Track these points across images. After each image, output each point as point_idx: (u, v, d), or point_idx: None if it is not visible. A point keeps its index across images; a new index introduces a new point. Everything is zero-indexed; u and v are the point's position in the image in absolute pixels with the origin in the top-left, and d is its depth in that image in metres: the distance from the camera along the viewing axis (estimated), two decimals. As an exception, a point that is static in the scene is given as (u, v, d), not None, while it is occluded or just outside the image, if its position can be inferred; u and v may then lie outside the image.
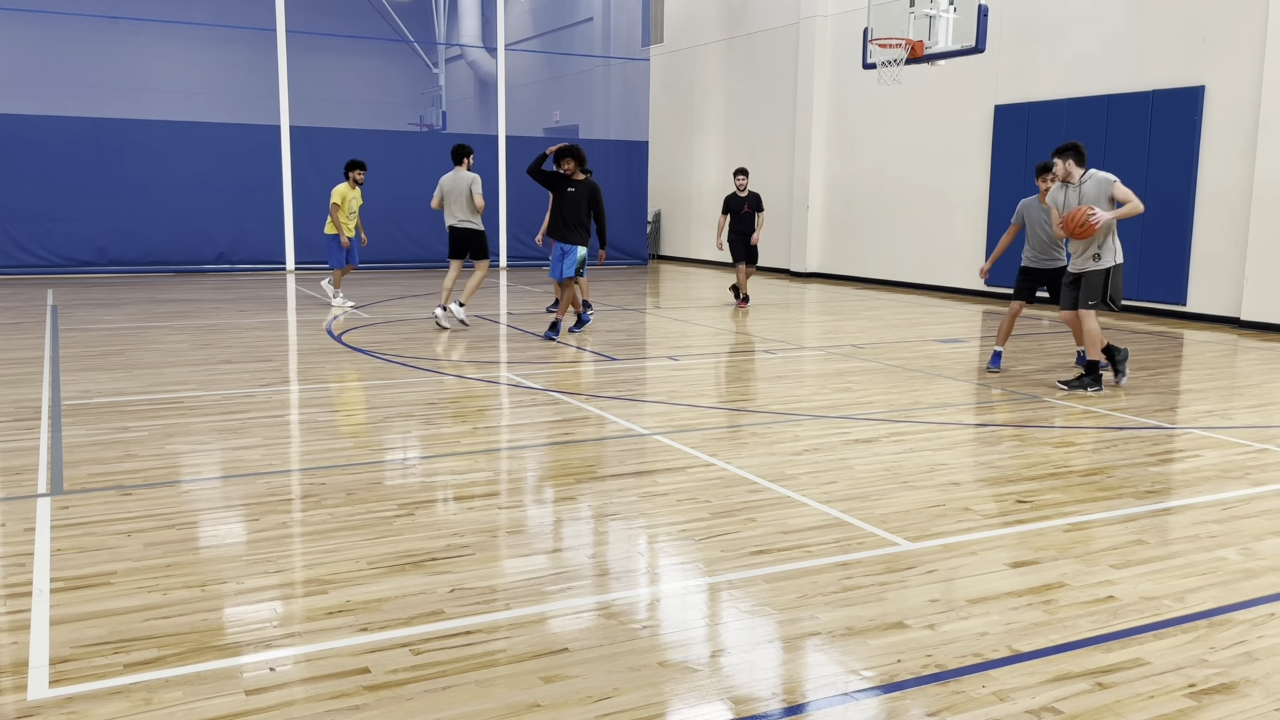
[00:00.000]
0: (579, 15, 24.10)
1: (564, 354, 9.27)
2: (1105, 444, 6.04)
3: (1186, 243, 12.29)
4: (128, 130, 16.95)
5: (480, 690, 2.91)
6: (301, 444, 5.89)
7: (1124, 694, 2.93)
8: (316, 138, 18.05)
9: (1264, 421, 6.77)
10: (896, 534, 4.33)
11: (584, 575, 3.86)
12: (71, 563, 3.85)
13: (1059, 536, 4.34)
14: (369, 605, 3.50)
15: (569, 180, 9.95)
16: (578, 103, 24.31)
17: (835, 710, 2.84)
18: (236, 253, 17.66)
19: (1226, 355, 9.79)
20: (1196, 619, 3.48)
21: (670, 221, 22.48)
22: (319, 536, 4.21)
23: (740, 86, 19.86)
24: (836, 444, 5.96)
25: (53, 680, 2.94)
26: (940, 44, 11.58)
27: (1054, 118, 13.73)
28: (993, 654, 3.18)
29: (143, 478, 5.05)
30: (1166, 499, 4.97)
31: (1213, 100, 11.96)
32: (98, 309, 12.18)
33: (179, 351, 9.06)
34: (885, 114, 16.60)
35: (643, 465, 5.44)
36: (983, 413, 7.02)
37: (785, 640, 3.30)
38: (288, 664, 3.06)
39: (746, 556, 4.04)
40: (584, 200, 9.88)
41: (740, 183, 13.12)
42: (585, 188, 9.93)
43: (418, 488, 5.01)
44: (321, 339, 10.03)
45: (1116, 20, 12.96)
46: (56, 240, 16.48)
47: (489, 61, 24.50)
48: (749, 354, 9.65)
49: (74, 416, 6.37)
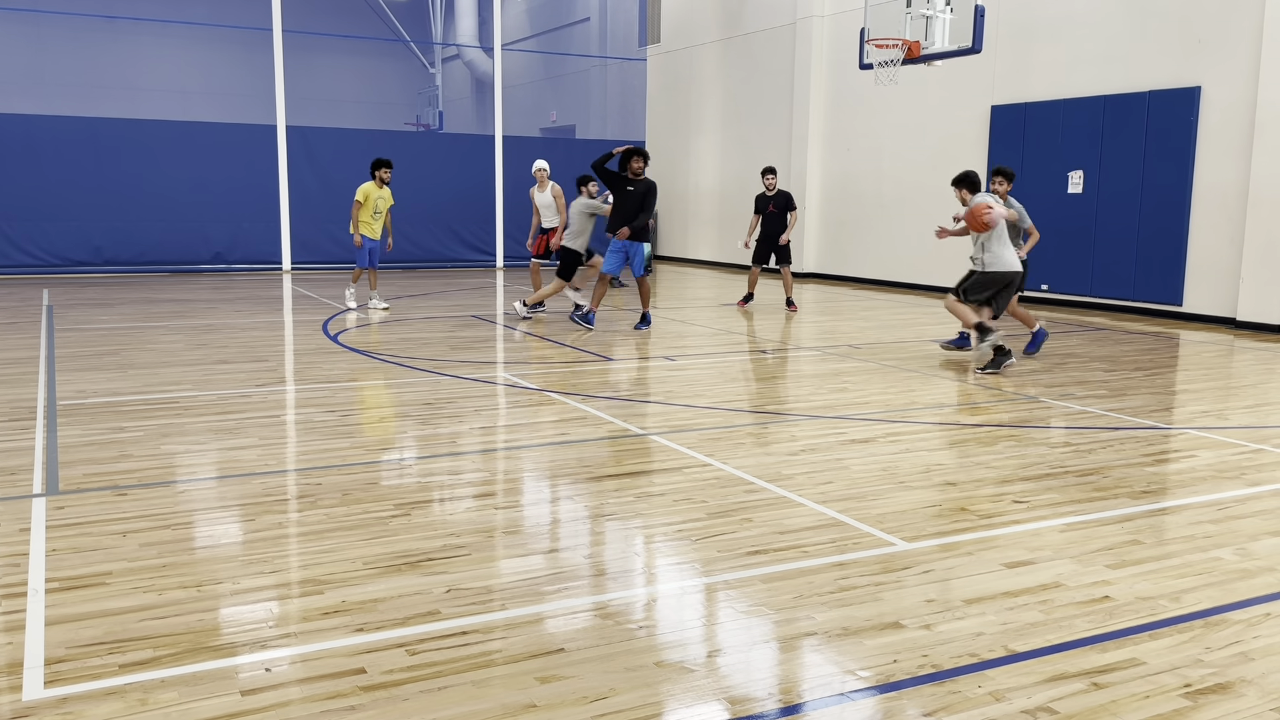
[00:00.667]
0: (576, 15, 24.11)
1: (560, 355, 9.27)
2: (1101, 444, 6.04)
3: (1182, 243, 12.30)
4: (124, 130, 16.92)
5: (476, 690, 2.91)
6: (297, 444, 5.88)
7: (1120, 694, 2.94)
8: (313, 137, 18.04)
9: (1260, 422, 6.78)
10: (893, 534, 4.34)
11: (580, 575, 3.85)
12: (67, 563, 3.85)
13: (1055, 537, 4.34)
14: (365, 605, 3.49)
15: (629, 180, 10.47)
16: (574, 103, 24.32)
17: (831, 710, 2.84)
18: (232, 253, 17.64)
19: (1222, 356, 9.81)
20: (1192, 619, 3.49)
21: (667, 222, 22.48)
22: (315, 537, 4.21)
23: (737, 87, 19.87)
24: (833, 444, 5.96)
25: (48, 681, 2.93)
26: (937, 44, 11.58)
27: (1050, 118, 13.75)
28: (989, 654, 3.18)
29: (138, 478, 5.05)
30: (1162, 499, 4.98)
31: (1209, 101, 11.98)
32: (93, 309, 12.16)
33: (175, 351, 9.05)
34: (882, 114, 16.61)
35: (639, 465, 5.43)
36: (979, 413, 7.02)
37: (781, 640, 3.30)
38: (283, 664, 3.06)
39: (743, 557, 4.04)
40: (641, 198, 10.45)
41: (769, 182, 12.95)
42: (643, 185, 10.49)
43: (414, 488, 5.00)
44: (318, 339, 10.02)
45: (1113, 21, 12.98)
46: (52, 240, 16.45)
47: (485, 61, 24.51)
48: (746, 354, 9.65)
49: (69, 416, 6.36)
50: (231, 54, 21.30)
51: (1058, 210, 13.68)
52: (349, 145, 18.09)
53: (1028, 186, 14.13)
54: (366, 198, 11.92)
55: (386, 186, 12.08)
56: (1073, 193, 13.51)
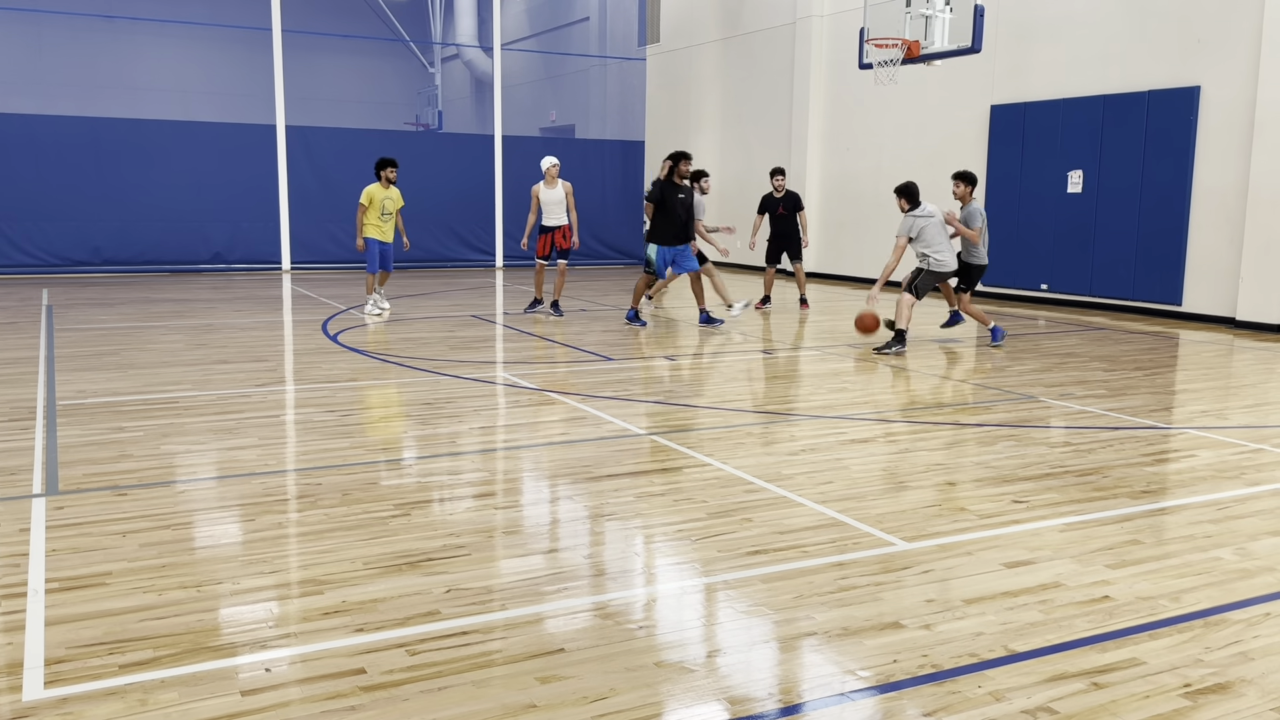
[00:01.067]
0: (575, 15, 24.10)
1: (560, 354, 9.27)
2: (1101, 444, 6.05)
3: (1182, 243, 12.30)
4: (123, 130, 16.92)
5: (476, 691, 2.91)
6: (297, 444, 5.88)
7: (1120, 694, 2.94)
8: (312, 137, 18.03)
9: (1259, 421, 6.78)
10: (892, 534, 4.34)
11: (580, 575, 3.85)
12: (66, 563, 3.85)
13: (1055, 536, 4.34)
14: (365, 606, 3.49)
15: (679, 186, 10.84)
16: (574, 102, 24.31)
17: (831, 710, 2.84)
18: (232, 252, 17.64)
19: (1222, 355, 9.81)
20: (1192, 619, 3.49)
21: (666, 221, 22.44)
22: (315, 537, 4.21)
23: (737, 86, 19.87)
24: (833, 444, 5.96)
25: (48, 681, 2.93)
26: (936, 44, 11.58)
27: (1050, 118, 13.75)
28: (989, 654, 3.18)
29: (138, 478, 5.05)
30: (1162, 499, 4.98)
31: (1208, 100, 11.98)
32: (93, 309, 12.16)
33: (174, 351, 9.04)
34: (881, 114, 16.61)
35: (639, 465, 5.43)
36: (978, 413, 7.02)
37: (781, 640, 3.30)
38: (283, 665, 3.06)
39: (743, 557, 4.04)
40: (691, 201, 10.96)
41: (779, 183, 12.92)
42: (688, 187, 11.02)
43: (414, 488, 5.00)
44: (317, 339, 10.02)
45: (1112, 20, 12.98)
46: (51, 240, 16.44)
47: (485, 61, 24.49)
48: (745, 354, 9.65)
49: (69, 416, 6.36)
50: (231, 54, 21.28)
51: (1057, 210, 13.69)
52: (349, 145, 18.09)
53: (1028, 186, 14.15)
54: (371, 200, 11.67)
55: (393, 186, 11.88)
56: (1072, 192, 13.52)
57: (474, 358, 8.95)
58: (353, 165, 17.79)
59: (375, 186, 11.74)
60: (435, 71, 27.71)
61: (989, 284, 14.82)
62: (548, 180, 11.97)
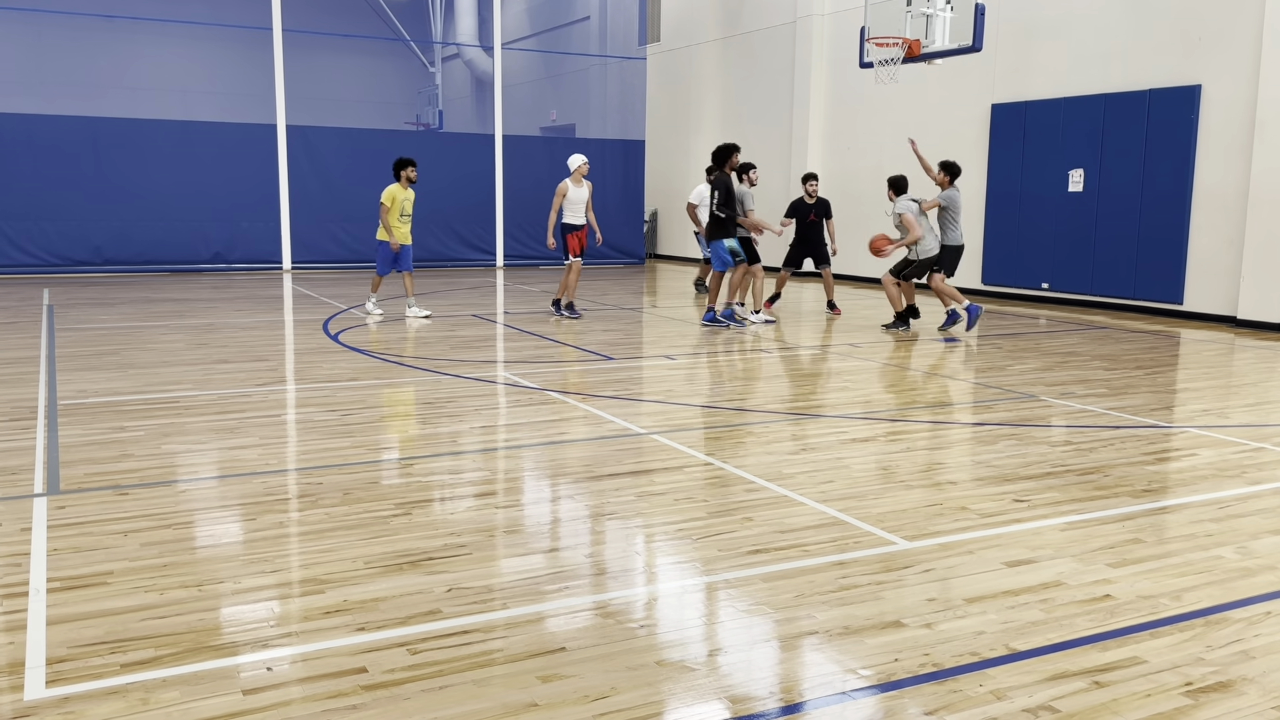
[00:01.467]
0: (575, 14, 24.09)
1: (561, 354, 9.27)
2: (1102, 443, 6.04)
3: (1183, 242, 12.30)
4: (123, 129, 16.92)
5: (477, 690, 2.91)
6: (298, 443, 5.88)
7: (1121, 692, 2.94)
8: (313, 137, 18.02)
9: (1260, 420, 6.78)
10: (894, 533, 4.34)
11: (581, 575, 3.85)
12: (68, 563, 3.85)
13: (1056, 535, 4.34)
14: (366, 605, 3.49)
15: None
16: (574, 102, 24.30)
17: (832, 709, 2.84)
18: (232, 252, 17.64)
19: (1223, 354, 9.80)
20: (1193, 617, 3.49)
21: (667, 221, 22.48)
22: (316, 536, 4.21)
23: (737, 85, 19.86)
24: (833, 443, 5.96)
25: (49, 680, 2.93)
26: (937, 43, 11.58)
27: (1051, 117, 13.75)
28: (990, 653, 3.18)
29: (139, 477, 5.05)
30: (1163, 498, 4.98)
31: (1209, 99, 11.97)
32: (93, 308, 12.16)
33: (175, 351, 9.05)
34: (882, 113, 16.60)
35: (639, 464, 5.43)
36: (979, 412, 7.02)
37: (782, 639, 3.30)
38: (285, 664, 3.06)
39: (743, 556, 4.04)
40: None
41: (811, 188, 12.66)
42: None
43: (415, 487, 5.00)
44: (318, 338, 10.02)
45: (1113, 19, 12.98)
46: (52, 239, 16.44)
47: (485, 60, 24.49)
48: (746, 353, 9.65)
49: (70, 416, 6.36)
50: (231, 53, 21.28)
51: (1058, 209, 13.68)
52: (349, 144, 18.09)
53: (1029, 185, 14.14)
54: (394, 200, 11.43)
55: (412, 186, 11.63)
56: (1073, 191, 13.51)
57: (475, 357, 8.95)
58: (353, 165, 17.83)
59: (396, 187, 11.47)
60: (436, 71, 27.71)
61: (990, 283, 14.84)
62: (575, 178, 11.85)
